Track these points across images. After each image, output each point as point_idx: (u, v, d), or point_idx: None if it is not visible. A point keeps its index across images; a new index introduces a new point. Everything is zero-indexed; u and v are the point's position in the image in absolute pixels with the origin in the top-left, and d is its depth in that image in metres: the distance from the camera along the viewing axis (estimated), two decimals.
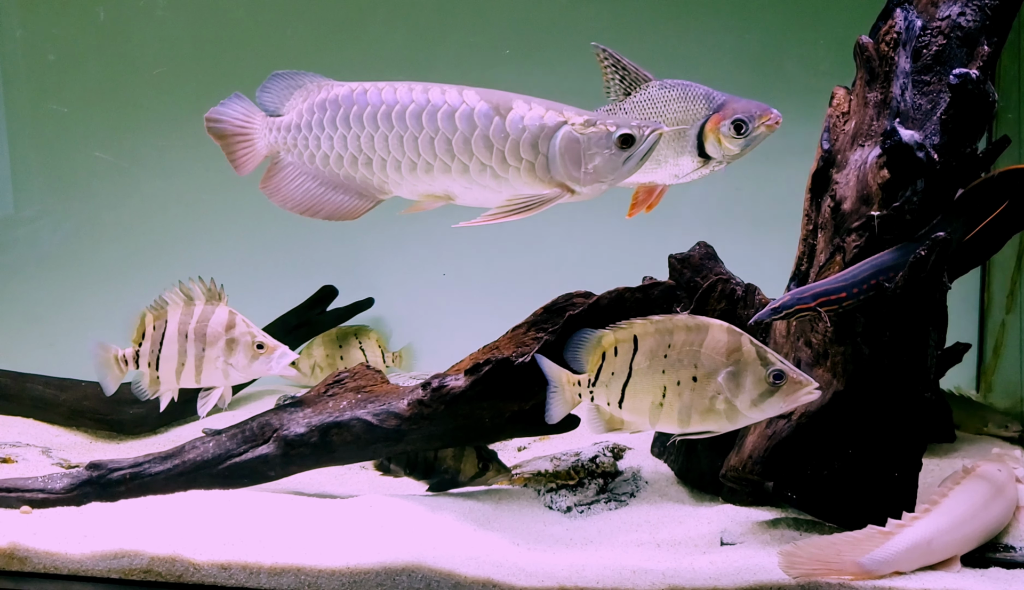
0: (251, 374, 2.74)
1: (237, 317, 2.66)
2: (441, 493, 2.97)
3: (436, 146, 2.19)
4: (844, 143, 2.68)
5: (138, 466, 2.85)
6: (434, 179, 2.22)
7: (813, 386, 2.17)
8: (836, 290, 2.40)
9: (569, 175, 2.18)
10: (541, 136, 2.17)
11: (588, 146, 2.17)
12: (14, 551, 2.42)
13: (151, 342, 2.63)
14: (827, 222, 2.65)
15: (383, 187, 2.27)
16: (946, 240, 2.39)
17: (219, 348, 2.61)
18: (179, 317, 2.63)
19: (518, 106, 2.20)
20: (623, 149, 2.18)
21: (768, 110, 2.53)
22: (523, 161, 2.18)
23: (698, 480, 3.02)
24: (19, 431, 3.94)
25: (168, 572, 2.35)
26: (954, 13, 2.66)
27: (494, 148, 2.17)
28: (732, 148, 2.55)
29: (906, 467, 2.54)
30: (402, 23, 4.44)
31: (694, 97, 2.57)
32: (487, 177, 2.19)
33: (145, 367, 2.63)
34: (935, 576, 2.21)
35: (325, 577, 2.29)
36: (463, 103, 2.20)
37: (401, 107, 2.22)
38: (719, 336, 2.19)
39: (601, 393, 2.29)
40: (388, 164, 2.23)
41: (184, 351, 2.62)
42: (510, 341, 2.86)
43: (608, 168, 2.19)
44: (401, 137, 2.21)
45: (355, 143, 2.25)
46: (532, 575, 2.27)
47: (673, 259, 3.11)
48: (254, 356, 2.66)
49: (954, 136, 2.53)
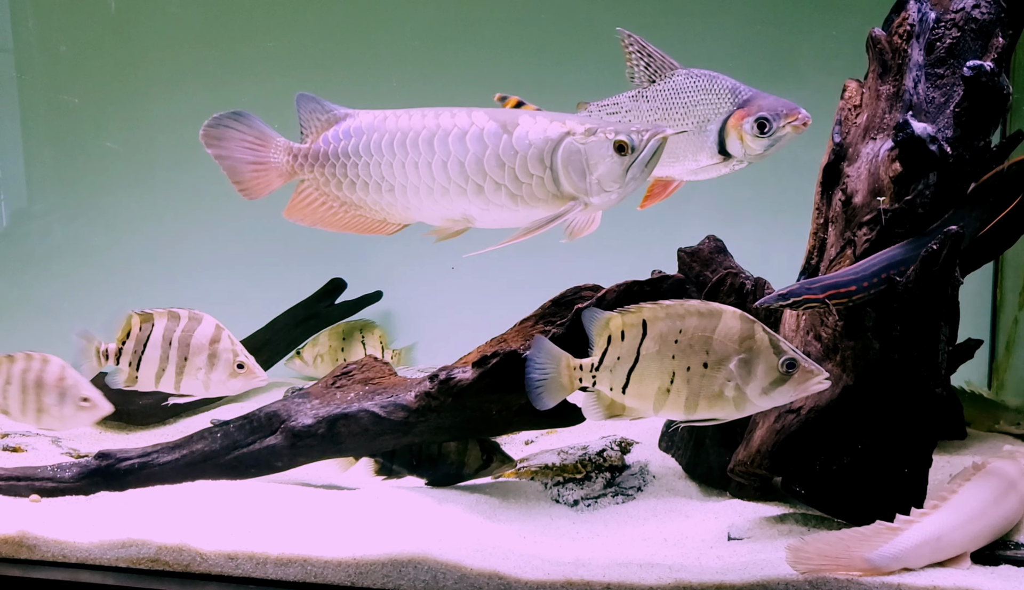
0: (226, 391, 2.78)
1: (223, 332, 2.71)
2: (448, 486, 2.97)
3: (449, 169, 2.19)
4: (856, 136, 2.66)
5: (146, 456, 2.86)
6: (452, 202, 2.23)
7: (824, 376, 2.15)
8: (846, 283, 2.38)
9: (576, 186, 2.17)
10: (546, 150, 2.17)
11: (589, 155, 2.16)
12: (23, 539, 2.44)
13: (135, 341, 2.67)
14: (838, 216, 2.63)
15: (406, 212, 2.29)
16: (959, 234, 2.37)
17: (201, 359, 2.65)
18: (166, 323, 2.68)
19: (524, 121, 2.19)
20: (623, 156, 2.16)
21: (796, 109, 2.43)
22: (533, 177, 2.17)
23: (706, 474, 3.01)
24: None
25: (175, 561, 2.36)
26: (968, 5, 2.63)
27: (505, 166, 2.17)
28: (754, 147, 2.45)
29: (916, 463, 2.52)
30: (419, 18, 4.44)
31: (720, 90, 2.48)
32: (502, 196, 2.19)
33: (125, 365, 2.68)
34: (944, 573, 2.19)
35: (331, 568, 2.29)
36: (472, 124, 2.20)
37: (415, 133, 2.23)
38: (732, 323, 2.17)
39: (604, 378, 2.26)
40: (408, 189, 2.25)
41: (167, 356, 2.66)
42: (518, 334, 2.86)
43: (612, 176, 2.16)
44: (416, 163, 2.22)
45: (377, 170, 2.26)
46: (538, 568, 2.27)
47: (682, 253, 3.10)
48: (233, 374, 2.71)
49: (967, 129, 2.51)
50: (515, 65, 4.25)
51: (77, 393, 2.74)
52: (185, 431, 3.39)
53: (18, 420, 2.81)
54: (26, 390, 2.74)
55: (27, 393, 2.74)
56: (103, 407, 2.79)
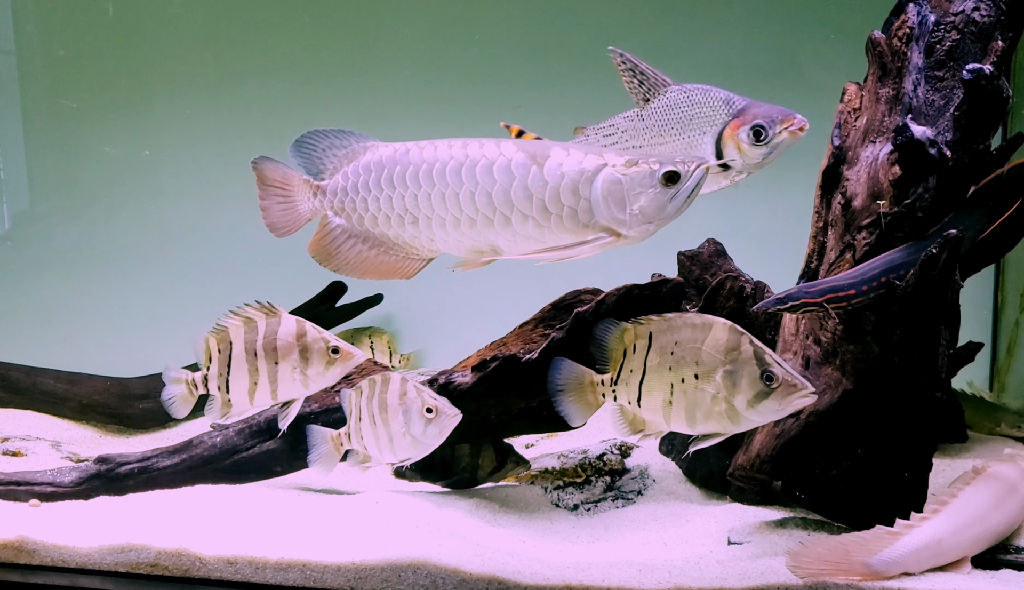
0: (326, 382, 2.56)
1: (306, 324, 2.55)
2: (449, 490, 2.96)
3: (477, 200, 2.17)
4: (855, 139, 2.65)
5: (146, 460, 2.86)
6: (478, 233, 2.21)
7: (808, 390, 2.13)
8: (845, 287, 2.38)
9: (614, 218, 2.13)
10: (582, 181, 2.14)
11: (632, 187, 2.12)
12: (23, 544, 2.44)
13: (218, 365, 2.49)
14: (837, 219, 2.63)
15: (431, 244, 2.27)
16: (958, 238, 2.36)
17: (293, 359, 2.49)
18: (243, 336, 2.50)
19: (556, 153, 2.17)
20: (668, 187, 2.13)
21: (791, 115, 2.40)
22: (564, 208, 2.14)
23: (706, 478, 3.01)
24: (29, 425, 3.97)
25: (175, 566, 2.36)
26: (968, 8, 2.62)
27: (534, 197, 2.15)
28: (752, 156, 2.44)
29: (916, 467, 2.51)
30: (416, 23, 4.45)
31: (714, 102, 2.48)
32: (530, 227, 2.17)
33: (215, 391, 2.49)
34: (944, 577, 2.19)
35: (331, 573, 2.29)
36: (500, 155, 2.18)
37: (441, 164, 2.21)
38: (720, 334, 2.17)
39: (622, 391, 2.25)
40: (433, 221, 2.23)
41: (256, 369, 2.48)
42: (517, 338, 2.85)
43: (655, 207, 2.13)
44: (443, 194, 2.20)
45: (400, 203, 2.24)
46: (538, 572, 2.27)
47: (682, 256, 3.09)
48: (330, 361, 2.51)
49: (967, 132, 2.50)
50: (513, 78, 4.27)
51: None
52: (185, 435, 3.39)
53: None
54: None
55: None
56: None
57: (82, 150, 4.74)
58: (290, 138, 2.39)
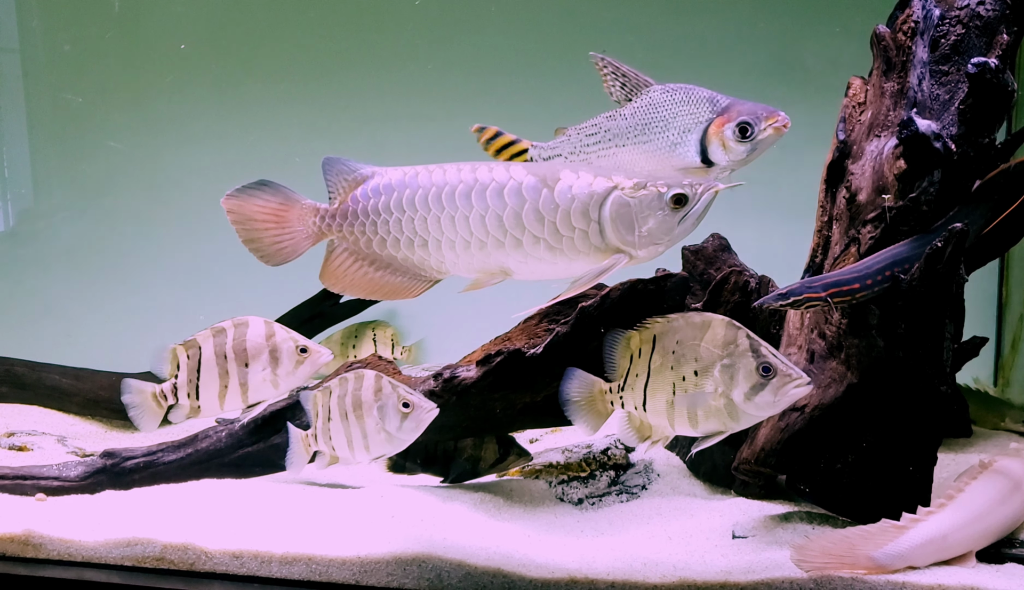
0: (296, 381, 2.59)
1: (274, 325, 2.57)
2: (453, 484, 2.97)
3: (488, 223, 2.19)
4: (860, 134, 2.65)
5: (151, 455, 2.87)
6: (489, 255, 2.22)
7: (804, 380, 2.14)
8: (849, 281, 2.38)
9: (623, 240, 2.16)
10: (591, 203, 2.16)
11: (640, 209, 2.15)
12: (29, 538, 2.45)
13: (187, 372, 2.49)
14: (842, 213, 2.62)
15: (440, 267, 2.29)
16: (963, 232, 2.36)
17: (263, 360, 2.51)
18: (212, 340, 2.51)
19: (565, 176, 2.19)
20: (676, 209, 2.15)
21: (775, 112, 2.42)
22: (576, 230, 2.17)
23: (710, 473, 3.01)
24: (35, 420, 3.98)
25: (180, 560, 2.37)
26: (973, 2, 2.62)
27: (545, 220, 2.17)
28: (737, 152, 2.46)
29: (921, 461, 2.51)
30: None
31: (697, 100, 2.50)
32: (541, 249, 2.18)
33: (184, 399, 2.49)
34: (949, 571, 2.19)
35: (336, 566, 2.30)
36: (511, 179, 2.19)
37: (451, 188, 2.22)
38: (718, 330, 2.18)
39: (629, 397, 2.27)
40: (443, 244, 2.24)
41: (226, 373, 2.50)
42: (522, 332, 2.86)
43: (662, 230, 2.16)
44: (453, 217, 2.21)
45: (410, 226, 2.25)
46: (543, 566, 2.27)
47: (687, 251, 3.09)
48: (298, 361, 2.54)
49: (972, 126, 2.50)
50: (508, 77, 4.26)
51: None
52: (190, 430, 3.40)
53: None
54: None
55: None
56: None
57: (86, 147, 4.75)
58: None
